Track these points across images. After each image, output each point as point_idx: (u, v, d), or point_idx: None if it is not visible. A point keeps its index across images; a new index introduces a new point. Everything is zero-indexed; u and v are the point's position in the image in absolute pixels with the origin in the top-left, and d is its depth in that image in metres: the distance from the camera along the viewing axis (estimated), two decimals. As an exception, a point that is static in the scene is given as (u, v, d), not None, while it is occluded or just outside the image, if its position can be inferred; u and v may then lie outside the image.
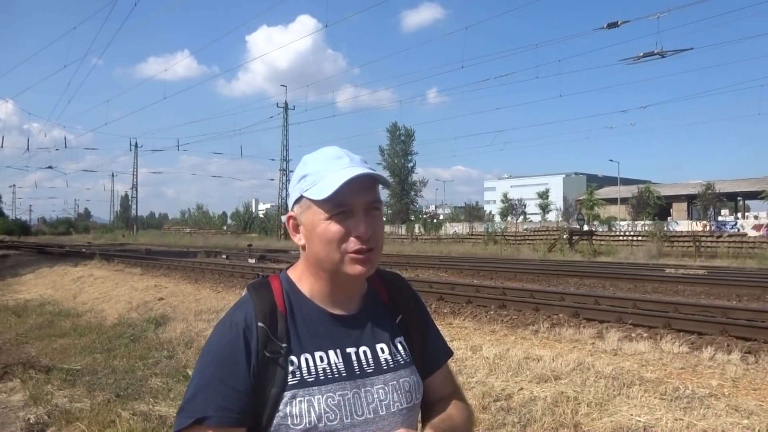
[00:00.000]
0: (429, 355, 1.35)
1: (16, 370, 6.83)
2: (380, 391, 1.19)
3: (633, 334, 7.90)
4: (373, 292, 1.31)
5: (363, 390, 1.18)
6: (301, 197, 1.19)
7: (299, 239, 1.22)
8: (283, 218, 1.27)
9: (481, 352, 6.43)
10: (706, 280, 15.44)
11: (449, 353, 1.42)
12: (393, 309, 1.32)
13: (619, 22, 18.80)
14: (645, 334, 7.88)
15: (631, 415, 4.60)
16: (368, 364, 1.21)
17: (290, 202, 1.24)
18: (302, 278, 1.25)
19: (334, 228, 1.15)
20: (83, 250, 35.66)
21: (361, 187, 1.15)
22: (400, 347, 1.27)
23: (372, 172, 1.18)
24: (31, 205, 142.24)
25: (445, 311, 10.31)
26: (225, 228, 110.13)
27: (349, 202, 1.15)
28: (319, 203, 1.15)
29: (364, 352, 1.22)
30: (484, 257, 29.86)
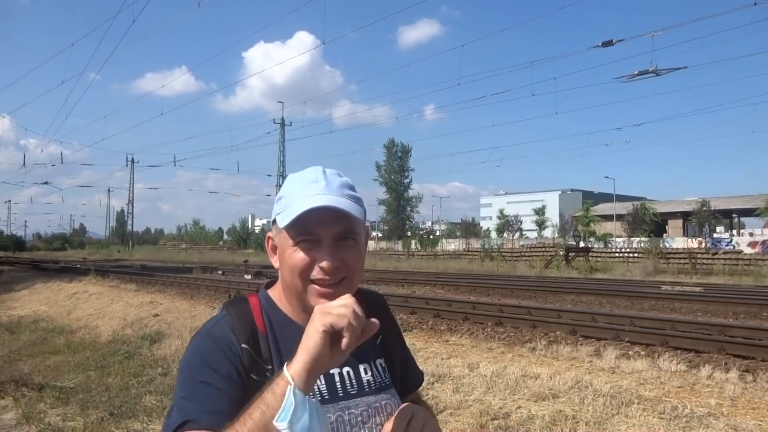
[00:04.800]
0: (407, 378, 1.37)
1: (9, 387, 6.76)
2: (363, 413, 1.16)
3: (630, 352, 7.88)
4: None
5: (347, 412, 1.14)
6: (275, 219, 1.17)
7: (276, 261, 1.19)
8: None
9: (479, 370, 6.40)
10: (703, 297, 15.44)
11: (422, 377, 1.45)
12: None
13: (614, 41, 18.95)
14: (642, 352, 7.85)
15: (630, 434, 4.57)
16: (352, 386, 1.18)
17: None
18: (282, 298, 1.21)
19: (298, 256, 1.11)
20: (78, 265, 35.51)
21: (330, 216, 1.10)
22: (380, 369, 1.25)
23: (336, 205, 1.11)
24: (26, 221, 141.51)
25: (442, 328, 10.27)
26: (221, 244, 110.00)
27: (316, 232, 1.11)
28: (286, 229, 1.12)
29: (348, 373, 1.19)
30: (480, 274, 29.83)
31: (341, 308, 0.98)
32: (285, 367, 0.96)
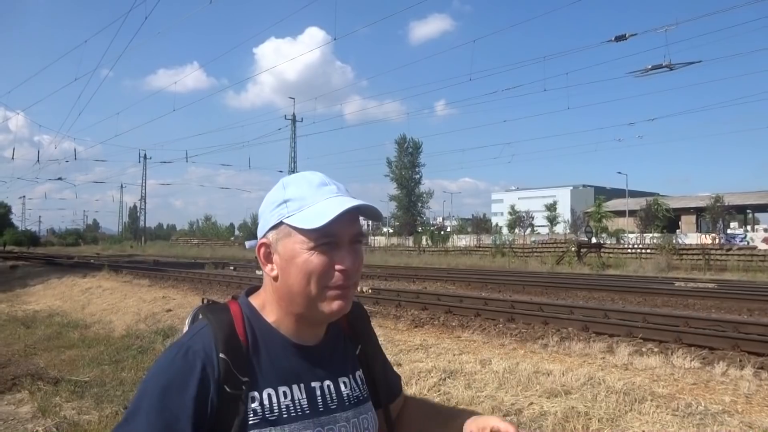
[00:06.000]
0: (389, 385, 1.34)
1: (25, 381, 6.85)
2: (342, 429, 1.12)
3: (644, 349, 7.83)
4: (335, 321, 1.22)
5: (326, 428, 1.11)
6: (280, 223, 1.10)
7: (271, 269, 1.12)
8: (248, 244, 1.18)
9: (491, 366, 6.39)
10: (717, 293, 15.32)
11: (400, 383, 1.41)
12: (353, 338, 1.27)
13: (627, 35, 18.80)
14: (656, 349, 7.81)
15: (643, 431, 4.55)
16: (332, 400, 1.14)
17: (262, 228, 1.14)
18: (266, 307, 1.15)
19: (318, 259, 1.06)
20: (92, 261, 35.81)
21: (349, 218, 1.08)
22: (359, 381, 1.22)
23: (368, 204, 1.10)
24: (40, 216, 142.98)
25: (454, 324, 10.26)
26: (233, 239, 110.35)
27: (337, 233, 1.07)
28: (304, 232, 1.06)
29: (328, 387, 1.15)
30: (491, 270, 29.76)
31: None
32: None
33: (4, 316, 13.30)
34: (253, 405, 1.05)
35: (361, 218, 1.15)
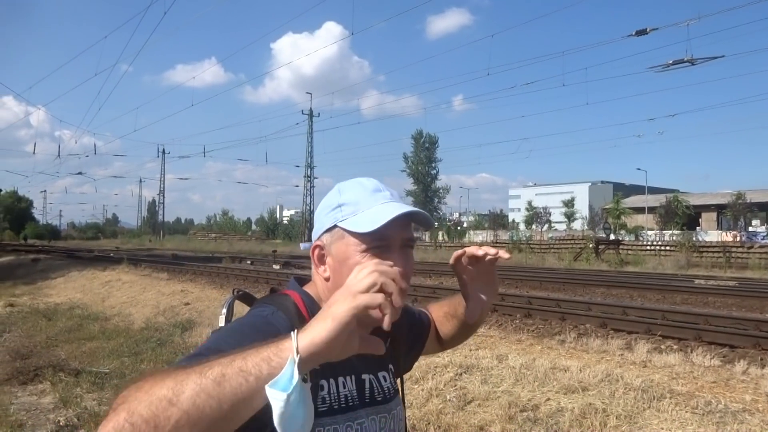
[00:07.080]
0: (422, 324, 1.47)
1: (47, 372, 6.96)
2: (382, 419, 1.16)
3: (663, 346, 7.76)
4: None
5: (378, 416, 1.15)
6: (334, 227, 1.12)
7: (324, 271, 1.14)
8: (302, 246, 1.20)
9: (507, 362, 6.37)
10: (738, 291, 15.11)
11: (426, 314, 1.53)
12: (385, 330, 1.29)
13: (648, 30, 18.56)
14: (675, 346, 7.73)
15: (662, 428, 4.51)
16: (378, 393, 1.18)
17: (317, 231, 1.17)
18: (322, 301, 1.16)
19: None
20: (111, 254, 36.25)
21: (401, 223, 1.10)
22: (391, 374, 1.25)
23: (421, 211, 1.13)
24: (61, 210, 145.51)
25: (470, 320, 10.23)
26: (250, 234, 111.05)
27: (389, 236, 1.09)
28: (358, 235, 1.09)
29: (372, 380, 1.18)
30: (508, 266, 29.55)
31: (378, 275, 0.91)
32: (295, 334, 0.84)
33: (26, 309, 13.53)
34: (321, 393, 1.07)
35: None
